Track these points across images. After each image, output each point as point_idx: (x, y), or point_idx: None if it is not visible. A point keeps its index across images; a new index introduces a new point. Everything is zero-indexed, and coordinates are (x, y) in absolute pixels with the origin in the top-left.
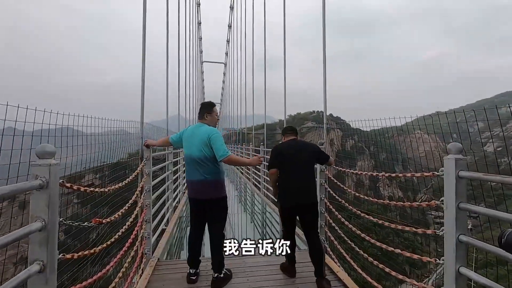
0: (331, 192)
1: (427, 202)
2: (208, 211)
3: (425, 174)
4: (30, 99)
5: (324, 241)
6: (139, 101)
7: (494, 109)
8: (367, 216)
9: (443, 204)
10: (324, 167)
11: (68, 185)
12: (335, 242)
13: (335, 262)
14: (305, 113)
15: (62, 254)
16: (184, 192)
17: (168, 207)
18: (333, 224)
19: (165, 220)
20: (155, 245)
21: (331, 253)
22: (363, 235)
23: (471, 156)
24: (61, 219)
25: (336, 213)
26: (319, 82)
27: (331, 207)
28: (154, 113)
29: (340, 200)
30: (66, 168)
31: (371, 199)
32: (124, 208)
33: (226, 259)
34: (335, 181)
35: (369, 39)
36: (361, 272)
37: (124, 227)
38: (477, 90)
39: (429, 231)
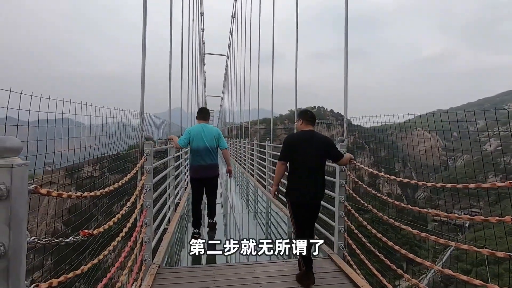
0: (353, 194)
1: (498, 218)
2: (209, 185)
3: (498, 184)
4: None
5: (343, 248)
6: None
7: (496, 108)
8: (389, 220)
9: None
10: (344, 167)
11: (44, 191)
12: (355, 247)
13: (358, 274)
14: (305, 108)
15: (35, 284)
16: (186, 188)
17: (169, 206)
18: (354, 229)
19: (166, 219)
20: (155, 249)
21: (352, 263)
22: (374, 230)
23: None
24: (32, 238)
25: (357, 215)
26: (319, 77)
27: (353, 211)
28: (154, 106)
29: (365, 204)
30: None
31: (432, 211)
32: (120, 212)
33: (235, 268)
34: (360, 183)
35: (370, 35)
36: (371, 266)
37: (121, 234)
38: (480, 88)
39: (500, 254)
